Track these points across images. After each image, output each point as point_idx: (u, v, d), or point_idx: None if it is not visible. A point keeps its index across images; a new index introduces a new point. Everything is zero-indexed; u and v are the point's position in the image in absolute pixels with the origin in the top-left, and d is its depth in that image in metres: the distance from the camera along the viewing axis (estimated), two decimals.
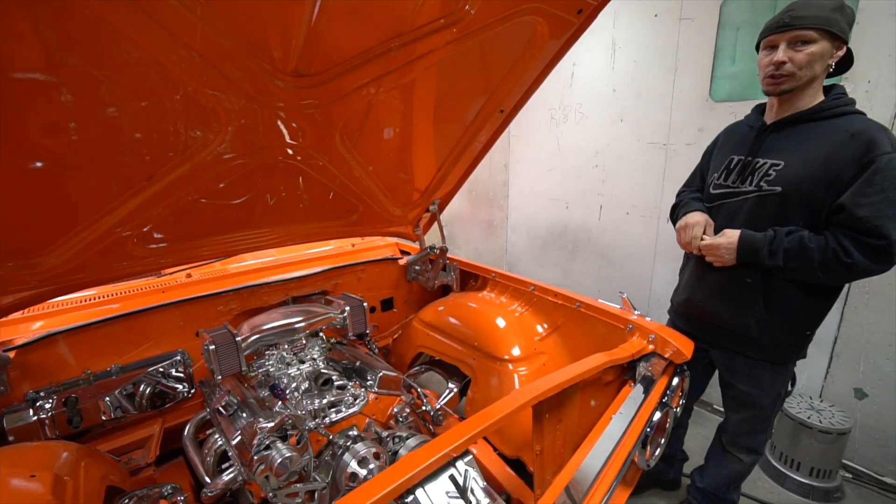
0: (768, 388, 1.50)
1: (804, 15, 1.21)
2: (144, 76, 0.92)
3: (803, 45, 1.23)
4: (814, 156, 1.26)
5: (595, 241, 3.23)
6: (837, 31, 1.20)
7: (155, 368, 1.49)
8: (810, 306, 1.37)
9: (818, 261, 1.22)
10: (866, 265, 1.18)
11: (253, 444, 1.07)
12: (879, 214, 1.15)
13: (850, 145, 1.20)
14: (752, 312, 1.41)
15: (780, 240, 1.28)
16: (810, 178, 1.25)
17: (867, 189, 1.17)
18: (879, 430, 2.06)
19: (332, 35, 1.04)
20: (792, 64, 1.24)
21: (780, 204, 1.31)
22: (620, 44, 2.82)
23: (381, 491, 0.71)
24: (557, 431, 1.24)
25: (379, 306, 2.17)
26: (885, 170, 1.15)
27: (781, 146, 1.34)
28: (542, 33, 1.29)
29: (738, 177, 1.41)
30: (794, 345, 1.43)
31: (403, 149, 1.61)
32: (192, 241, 1.44)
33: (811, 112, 1.30)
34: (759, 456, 1.65)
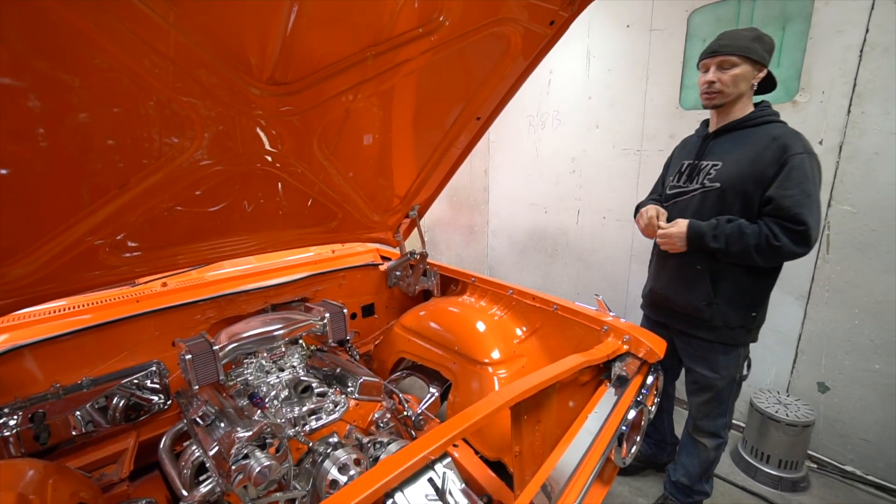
0: (723, 370, 1.66)
1: (729, 44, 1.48)
2: (116, 82, 0.91)
3: (729, 69, 1.50)
4: (744, 157, 1.51)
5: (573, 245, 3.30)
6: (756, 57, 1.47)
7: (129, 380, 1.46)
8: (752, 288, 1.57)
9: (753, 244, 1.44)
10: (791, 247, 1.41)
11: (231, 454, 1.05)
12: (798, 204, 1.39)
13: (771, 147, 1.45)
14: (702, 296, 1.61)
15: (723, 227, 1.49)
16: (742, 175, 1.50)
17: (787, 183, 1.41)
18: (840, 421, 2.16)
19: (308, 43, 1.05)
20: (720, 83, 1.51)
21: (719, 198, 1.55)
22: (595, 53, 2.90)
23: (359, 495, 0.72)
24: (536, 432, 1.26)
25: (360, 312, 2.17)
26: (799, 167, 1.40)
27: (720, 150, 1.60)
28: (516, 43, 1.33)
29: (687, 178, 1.67)
30: (742, 326, 1.61)
31: (382, 155, 1.62)
32: (168, 250, 1.42)
33: (742, 121, 1.56)
34: (721, 440, 1.76)
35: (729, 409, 1.73)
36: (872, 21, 1.87)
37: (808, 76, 2.07)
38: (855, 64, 1.93)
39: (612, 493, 2.07)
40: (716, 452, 1.78)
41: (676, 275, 1.69)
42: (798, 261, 2.17)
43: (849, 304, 2.07)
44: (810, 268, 2.17)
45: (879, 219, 1.95)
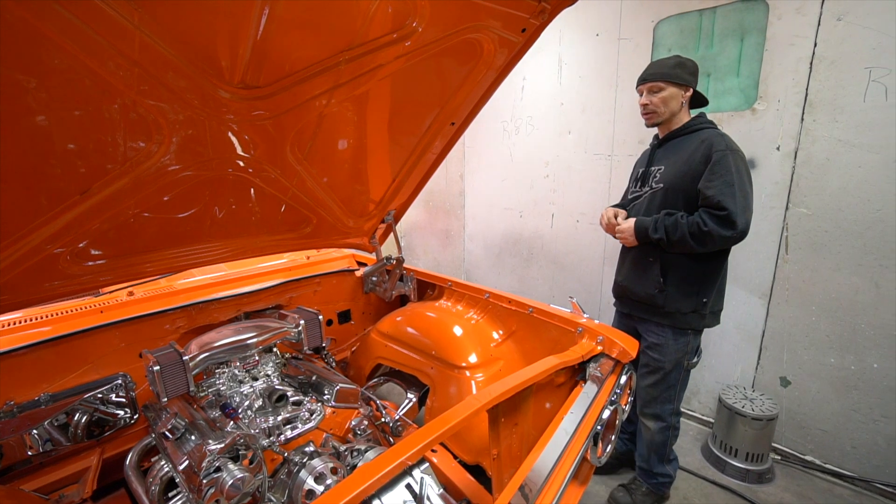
0: (670, 354, 1.80)
1: (655, 72, 1.73)
2: (77, 84, 0.87)
3: (657, 92, 1.73)
4: (680, 159, 1.72)
5: (548, 249, 3.36)
6: (679, 80, 1.70)
7: (92, 395, 1.40)
8: (700, 276, 1.73)
9: (688, 231, 1.62)
10: (718, 231, 1.57)
11: (201, 468, 1.02)
12: (720, 193, 1.57)
13: (700, 148, 1.66)
14: (654, 284, 1.77)
15: (662, 220, 1.69)
16: (679, 174, 1.70)
17: (711, 176, 1.60)
18: (801, 413, 2.26)
19: (281, 47, 1.04)
20: (652, 104, 1.75)
21: (664, 196, 1.75)
22: (566, 60, 2.98)
23: (338, 502, 0.71)
24: (514, 435, 1.27)
25: (336, 319, 2.14)
26: (720, 161, 1.59)
27: (663, 156, 1.82)
28: (489, 50, 1.35)
29: (641, 182, 1.89)
30: (694, 311, 1.75)
31: (357, 160, 1.62)
32: (135, 257, 1.37)
33: (678, 130, 1.79)
34: (665, 424, 1.87)
35: (676, 396, 1.86)
36: (819, 36, 1.99)
37: (766, 85, 2.18)
38: (806, 75, 2.05)
39: (590, 493, 2.10)
40: (660, 436, 1.88)
41: (633, 266, 1.87)
42: (760, 261, 2.29)
43: (806, 301, 2.18)
44: (772, 268, 2.27)
45: (832, 220, 2.07)
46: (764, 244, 2.28)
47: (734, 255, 2.32)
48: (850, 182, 2.00)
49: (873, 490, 2.08)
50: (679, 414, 1.90)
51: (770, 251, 2.27)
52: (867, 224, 1.97)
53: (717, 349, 2.52)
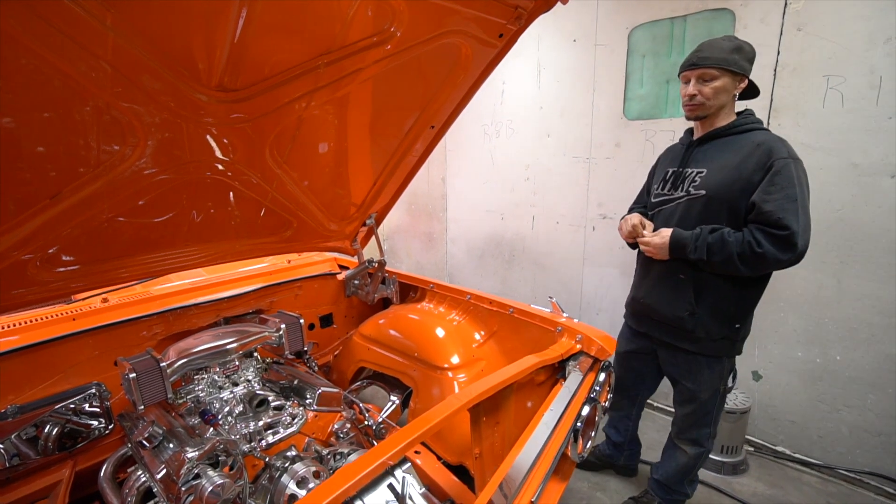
0: (706, 383, 1.62)
1: (708, 56, 1.45)
2: (46, 86, 0.85)
3: (709, 81, 1.47)
4: (729, 163, 1.47)
5: (529, 250, 3.40)
6: (736, 69, 1.45)
7: (64, 405, 1.35)
8: (737, 300, 1.53)
9: (736, 252, 1.39)
10: (774, 254, 1.35)
11: (180, 475, 1.01)
12: (781, 208, 1.34)
13: (755, 153, 1.42)
14: (684, 305, 1.56)
15: (705, 236, 1.45)
16: (727, 181, 1.46)
17: (770, 188, 1.37)
18: (772, 406, 2.35)
19: (259, 50, 1.04)
20: (701, 96, 1.49)
21: (705, 205, 1.50)
22: (545, 65, 3.03)
23: (320, 503, 0.71)
24: (496, 434, 1.29)
25: (318, 323, 2.13)
26: (783, 171, 1.37)
27: (704, 157, 1.56)
28: (467, 54, 1.37)
29: (672, 185, 1.63)
30: (725, 338, 1.56)
31: (338, 163, 1.61)
32: (109, 263, 1.34)
33: (725, 129, 1.53)
34: (703, 449, 1.74)
35: (713, 420, 1.70)
36: (782, 45, 2.09)
37: None
38: (771, 81, 2.14)
39: (572, 489, 2.13)
40: (696, 460, 1.76)
41: (659, 283, 1.64)
42: None
43: (775, 298, 2.27)
44: None
45: None
46: None
47: None
48: (812, 183, 2.06)
49: (837, 476, 2.17)
50: (715, 437, 1.76)
51: None
52: (829, 223, 2.07)
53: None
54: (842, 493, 2.09)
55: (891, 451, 2.04)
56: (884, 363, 2.00)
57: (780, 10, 2.07)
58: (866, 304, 2.02)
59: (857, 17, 1.89)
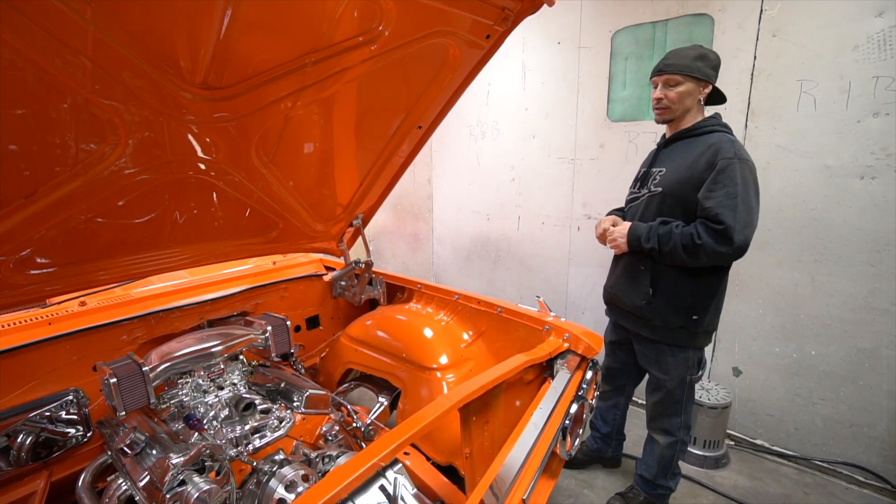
0: (672, 372, 1.72)
1: (672, 63, 1.58)
2: (20, 81, 0.82)
3: (673, 86, 1.59)
4: (684, 162, 1.60)
5: (515, 250, 3.43)
6: (699, 75, 1.57)
7: (38, 413, 1.30)
8: (692, 292, 1.62)
9: (681, 243, 1.52)
10: (712, 246, 1.47)
11: (164, 482, 0.98)
12: (720, 205, 1.46)
13: (706, 153, 1.54)
14: (642, 294, 1.69)
15: (656, 228, 1.59)
16: (681, 179, 1.59)
17: (713, 186, 1.49)
18: (751, 400, 2.42)
19: (244, 47, 1.02)
20: (666, 99, 1.62)
21: (662, 201, 1.64)
22: (530, 67, 3.06)
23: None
24: (485, 433, 1.29)
25: (304, 325, 2.10)
26: (726, 170, 1.48)
27: (666, 157, 1.70)
28: (454, 55, 1.38)
29: (640, 184, 1.78)
30: (683, 328, 1.65)
31: (324, 163, 1.60)
32: (87, 265, 1.30)
33: (688, 130, 1.65)
34: (674, 438, 1.80)
35: (683, 409, 1.77)
36: (758, 50, 2.16)
37: None
38: (748, 85, 2.21)
39: (560, 487, 2.15)
40: (669, 450, 1.82)
41: (624, 274, 1.78)
42: None
43: (754, 295, 2.34)
44: None
45: (773, 220, 2.23)
46: None
47: None
48: (788, 185, 2.17)
49: (813, 467, 2.25)
50: (688, 427, 1.82)
51: None
52: (804, 223, 2.14)
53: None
54: (817, 483, 2.17)
55: (862, 441, 2.12)
56: (855, 357, 2.08)
57: (756, 16, 2.14)
58: (839, 301, 2.10)
59: (827, 25, 1.97)
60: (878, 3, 1.85)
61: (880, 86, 1.89)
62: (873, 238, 1.98)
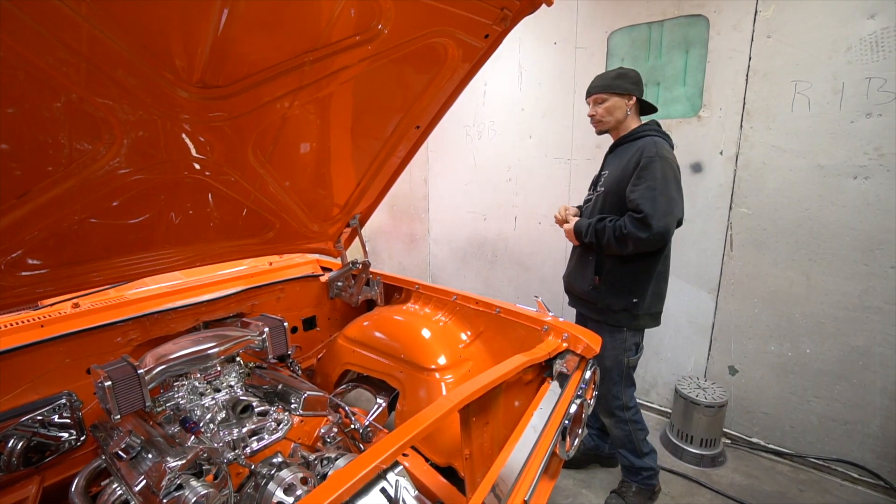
0: (608, 350, 1.87)
1: (597, 84, 1.85)
2: (13, 78, 0.81)
3: (601, 103, 1.84)
4: (619, 165, 1.81)
5: (512, 250, 3.43)
6: (620, 91, 1.80)
7: (29, 417, 1.28)
8: (630, 276, 1.80)
9: (613, 235, 1.72)
10: (635, 233, 1.65)
11: (161, 487, 0.96)
12: (641, 197, 1.65)
13: (635, 155, 1.73)
14: (588, 281, 1.89)
15: (594, 224, 1.80)
16: (617, 179, 1.79)
17: (637, 181, 1.69)
18: (747, 399, 2.44)
19: (241, 46, 1.01)
20: (597, 115, 1.86)
21: (605, 200, 1.84)
22: (526, 67, 3.06)
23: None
24: (485, 434, 1.29)
25: (301, 326, 2.09)
26: (648, 167, 1.67)
27: (609, 162, 1.93)
28: (452, 55, 1.37)
29: (593, 186, 2.00)
30: (625, 310, 1.82)
31: (321, 163, 1.59)
32: (80, 267, 1.27)
33: (624, 137, 1.87)
34: (617, 419, 1.93)
35: (622, 392, 1.91)
36: (753, 51, 2.17)
37: (709, 94, 2.35)
38: (743, 86, 2.23)
39: (558, 487, 2.16)
40: (620, 430, 1.94)
41: (576, 264, 1.99)
42: (709, 257, 2.45)
43: (749, 294, 2.35)
44: (719, 264, 2.44)
45: (769, 219, 2.25)
46: (711, 242, 2.44)
47: (685, 252, 2.47)
48: (783, 184, 2.19)
49: (808, 465, 2.27)
50: (630, 409, 1.93)
51: (717, 248, 2.43)
52: (798, 222, 2.16)
53: (671, 342, 2.67)
54: (812, 480, 2.19)
55: (856, 438, 2.14)
56: (849, 355, 2.10)
57: (752, 18, 2.15)
58: (833, 300, 2.12)
59: (820, 26, 1.99)
60: (870, 5, 1.87)
61: (873, 87, 1.91)
62: (866, 237, 2.00)
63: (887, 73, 1.86)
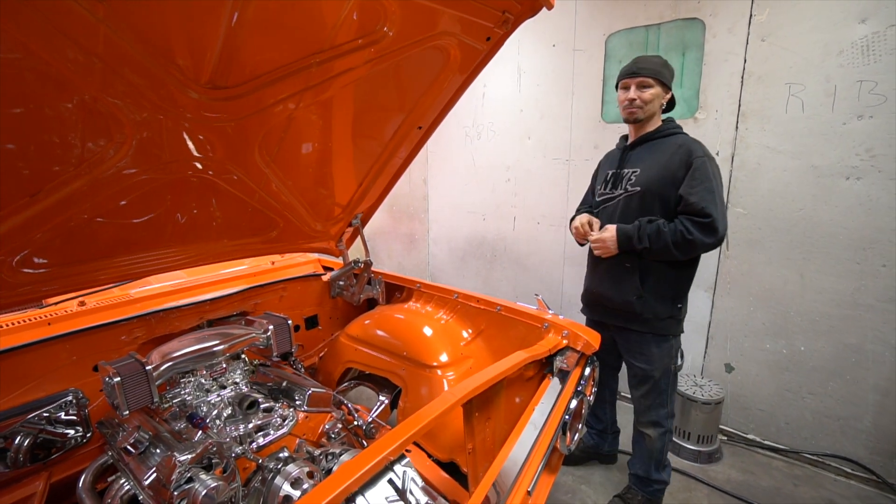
0: (657, 362, 1.80)
1: (646, 67, 1.70)
2: (32, 79, 0.82)
3: (646, 88, 1.71)
4: (657, 162, 1.72)
5: (511, 250, 3.46)
6: (665, 80, 1.72)
7: (36, 415, 1.29)
8: (675, 282, 1.75)
9: (671, 240, 1.62)
10: (702, 238, 1.59)
11: (171, 480, 0.98)
12: (703, 199, 1.58)
13: (678, 153, 1.67)
14: (632, 291, 1.77)
15: (644, 227, 1.67)
16: (657, 177, 1.70)
17: (692, 182, 1.62)
18: (743, 396, 2.47)
19: (250, 49, 1.03)
20: (640, 100, 1.72)
21: (641, 199, 1.74)
22: (525, 69, 3.10)
23: (322, 500, 0.72)
24: (487, 429, 1.31)
25: (303, 325, 2.10)
26: (700, 168, 1.61)
27: (637, 158, 1.80)
28: (455, 57, 1.40)
29: (612, 185, 1.86)
30: (671, 317, 1.77)
31: (324, 163, 1.61)
32: (85, 265, 1.28)
33: (654, 133, 1.78)
34: (663, 429, 1.87)
35: (668, 400, 1.86)
36: (748, 53, 2.21)
37: (705, 96, 2.38)
38: (738, 88, 2.26)
39: (558, 483, 2.18)
40: (660, 441, 1.88)
41: (608, 274, 1.84)
42: (706, 257, 2.47)
43: (745, 293, 2.39)
44: (715, 263, 2.48)
45: (763, 219, 2.28)
46: None
47: None
48: (777, 185, 2.23)
49: (803, 460, 2.31)
50: (673, 416, 1.91)
51: None
52: (792, 222, 2.20)
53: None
54: (806, 475, 2.22)
55: (849, 434, 2.18)
56: (842, 352, 2.14)
57: (746, 21, 2.19)
58: (826, 298, 2.15)
59: (813, 30, 2.03)
60: (861, 10, 1.91)
61: (864, 89, 1.95)
62: (859, 236, 2.04)
63: (878, 76, 1.90)
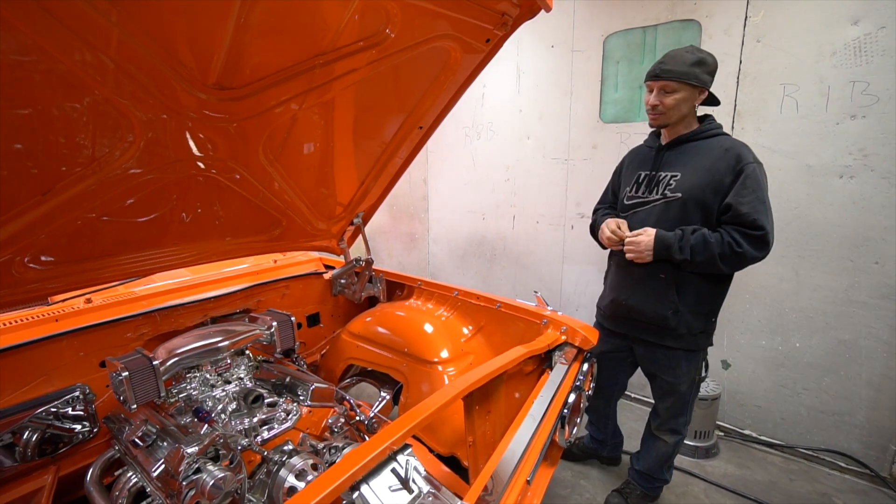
0: (684, 375, 1.72)
1: (670, 69, 1.51)
2: (41, 80, 0.85)
3: (669, 93, 1.54)
4: (701, 167, 1.56)
5: (510, 249, 3.48)
6: (696, 83, 1.51)
7: (44, 410, 1.32)
8: (712, 295, 1.64)
9: (717, 252, 1.47)
10: (752, 252, 1.46)
11: (180, 471, 1.01)
12: (755, 210, 1.45)
13: (725, 158, 1.52)
14: (668, 304, 1.63)
15: (687, 237, 1.52)
16: (700, 184, 1.54)
17: (743, 191, 1.47)
18: (740, 392, 2.50)
19: (256, 50, 1.05)
20: (662, 106, 1.56)
21: (681, 207, 1.57)
22: (524, 70, 3.12)
23: (327, 487, 0.74)
24: (487, 423, 1.34)
25: (305, 322, 2.13)
26: (752, 176, 1.47)
27: (675, 161, 1.63)
28: (455, 58, 1.42)
29: (646, 188, 1.69)
30: (703, 332, 1.67)
31: (326, 163, 1.63)
32: (90, 263, 1.31)
33: (693, 134, 1.62)
34: (679, 436, 1.85)
35: (689, 409, 1.82)
36: (744, 54, 2.24)
37: None
38: (734, 88, 2.29)
39: (557, 478, 2.21)
40: (675, 448, 1.87)
41: (640, 284, 1.68)
42: None
43: (742, 290, 2.42)
44: None
45: None
46: None
47: None
48: (772, 184, 2.23)
49: (798, 455, 2.34)
50: (689, 422, 1.88)
51: None
52: (788, 220, 2.23)
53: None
54: (802, 469, 2.26)
55: (843, 429, 2.21)
56: (836, 348, 2.18)
57: (742, 23, 2.22)
58: (821, 295, 2.19)
59: (807, 31, 2.06)
60: (853, 12, 1.94)
61: (857, 90, 1.98)
62: (852, 234, 2.07)
63: (870, 76, 1.94)
